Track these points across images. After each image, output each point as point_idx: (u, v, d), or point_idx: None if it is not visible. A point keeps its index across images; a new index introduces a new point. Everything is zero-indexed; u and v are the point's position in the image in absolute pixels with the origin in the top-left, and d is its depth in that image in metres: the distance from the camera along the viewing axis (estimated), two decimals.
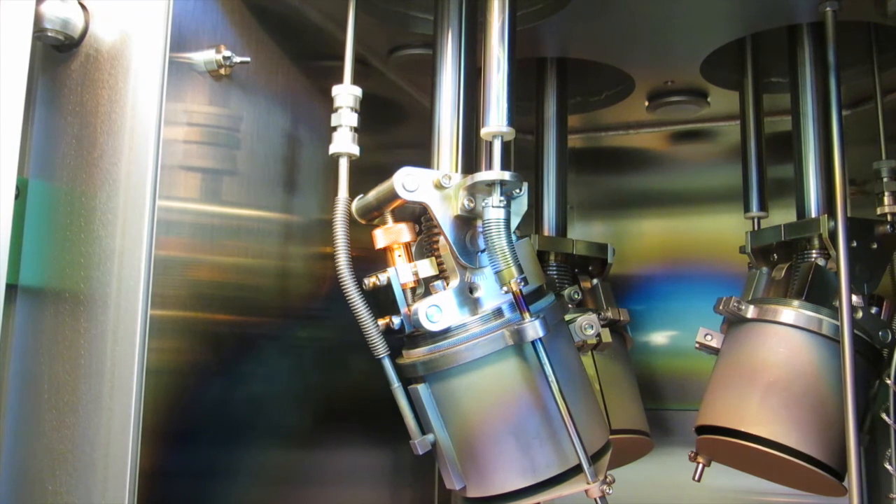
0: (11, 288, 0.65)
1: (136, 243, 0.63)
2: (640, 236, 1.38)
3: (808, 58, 0.95)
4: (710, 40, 0.99)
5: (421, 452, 0.70)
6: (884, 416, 0.78)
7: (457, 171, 0.75)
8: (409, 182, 0.69)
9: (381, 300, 0.72)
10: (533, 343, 0.65)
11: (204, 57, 0.70)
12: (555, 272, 1.05)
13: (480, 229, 0.69)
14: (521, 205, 0.73)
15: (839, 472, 0.83)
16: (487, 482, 0.69)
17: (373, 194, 0.73)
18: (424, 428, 0.70)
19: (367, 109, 0.77)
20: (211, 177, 0.72)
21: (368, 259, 0.76)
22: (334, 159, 0.75)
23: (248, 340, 0.76)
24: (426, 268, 0.72)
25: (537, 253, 1.02)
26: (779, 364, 0.86)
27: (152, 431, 0.62)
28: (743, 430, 0.85)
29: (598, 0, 0.88)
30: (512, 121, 0.69)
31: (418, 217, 0.76)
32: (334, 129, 0.75)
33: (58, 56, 0.68)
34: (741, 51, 1.05)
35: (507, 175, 0.66)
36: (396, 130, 1.09)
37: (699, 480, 0.94)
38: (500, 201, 0.66)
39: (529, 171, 1.08)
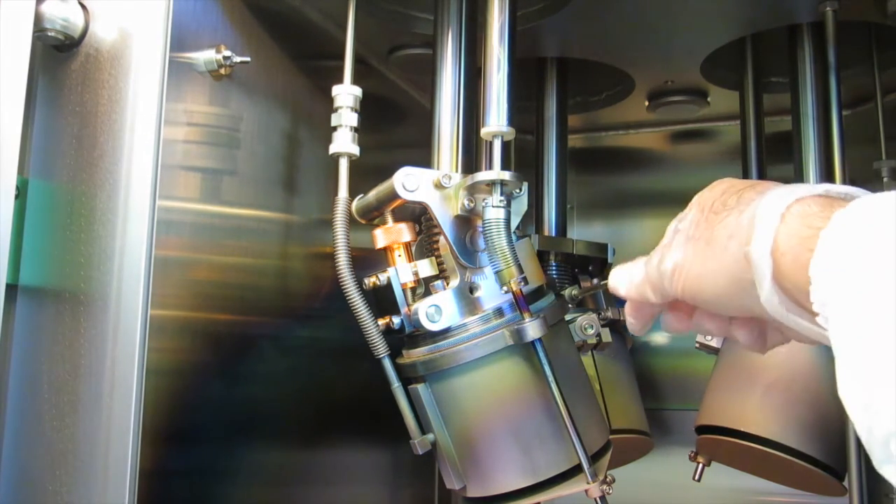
0: (11, 288, 0.65)
1: (136, 243, 0.62)
2: (640, 236, 1.38)
3: (808, 58, 0.95)
4: (710, 40, 0.99)
5: (421, 452, 0.70)
6: None
7: (457, 170, 0.74)
8: (409, 182, 0.69)
9: (381, 300, 0.72)
10: (533, 343, 0.65)
11: (204, 57, 0.69)
12: (555, 272, 1.05)
13: (480, 229, 0.69)
14: (521, 205, 0.73)
15: (839, 472, 0.83)
16: (487, 482, 0.69)
17: (373, 194, 0.73)
18: (424, 428, 0.70)
19: (367, 109, 0.77)
20: (211, 177, 0.72)
21: (368, 259, 0.76)
22: (334, 159, 0.75)
23: (249, 340, 0.76)
24: (426, 268, 0.72)
25: (537, 253, 1.02)
26: (779, 364, 0.85)
27: (152, 431, 0.62)
28: (743, 429, 0.85)
29: (598, 0, 0.88)
30: (512, 120, 0.69)
31: (418, 217, 0.76)
32: (334, 129, 0.75)
33: (58, 56, 0.68)
34: (741, 51, 1.04)
35: (507, 175, 0.66)
36: (396, 130, 1.09)
37: (699, 480, 0.94)
38: (500, 201, 0.66)
39: (529, 171, 1.08)
